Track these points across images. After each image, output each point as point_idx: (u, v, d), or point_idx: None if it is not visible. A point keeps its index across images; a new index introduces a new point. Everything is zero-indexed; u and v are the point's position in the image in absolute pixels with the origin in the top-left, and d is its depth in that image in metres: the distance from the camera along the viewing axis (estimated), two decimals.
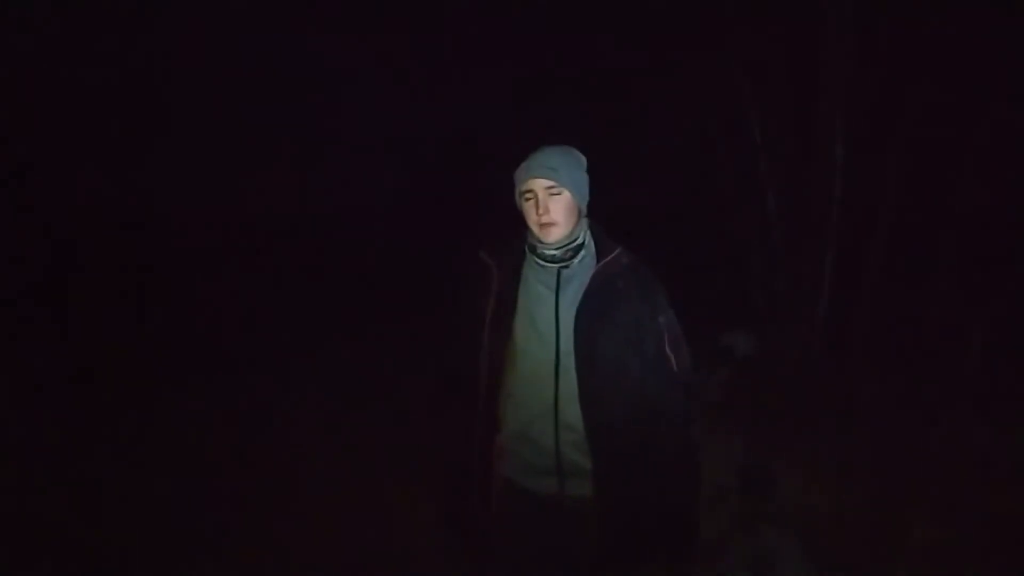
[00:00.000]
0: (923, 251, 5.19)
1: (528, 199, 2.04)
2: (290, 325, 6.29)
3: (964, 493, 3.81)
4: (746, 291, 5.66)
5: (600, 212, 2.16)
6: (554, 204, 2.01)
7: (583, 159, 2.11)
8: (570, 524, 2.07)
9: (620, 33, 6.06)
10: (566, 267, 2.06)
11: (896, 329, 5.15)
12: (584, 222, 2.11)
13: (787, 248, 5.42)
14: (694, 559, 2.24)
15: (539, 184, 2.01)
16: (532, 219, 2.03)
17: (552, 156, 2.04)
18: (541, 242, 2.04)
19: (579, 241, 2.07)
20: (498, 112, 7.88)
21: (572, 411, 2.01)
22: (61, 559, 3.19)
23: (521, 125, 6.72)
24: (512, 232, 2.14)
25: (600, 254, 2.09)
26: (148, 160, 7.37)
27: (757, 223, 5.56)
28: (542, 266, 2.07)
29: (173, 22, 7.30)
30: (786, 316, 5.41)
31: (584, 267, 2.07)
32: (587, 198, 2.10)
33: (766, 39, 5.33)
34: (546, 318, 2.03)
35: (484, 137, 8.00)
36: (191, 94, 7.52)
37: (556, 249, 2.04)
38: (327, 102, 8.41)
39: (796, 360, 5.29)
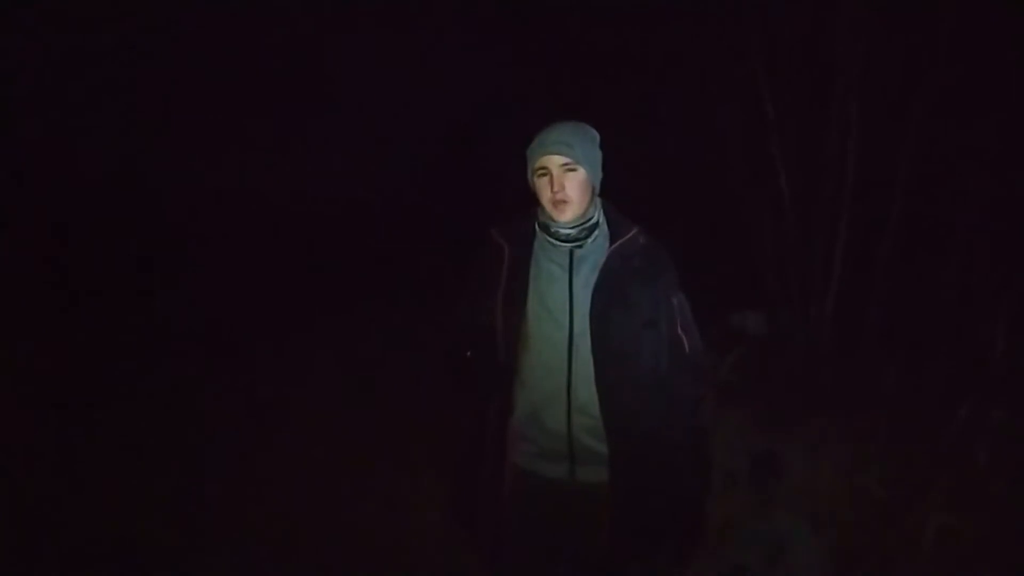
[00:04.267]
0: (939, 232, 5.12)
1: (542, 176, 1.99)
2: (292, 316, 6.25)
3: (979, 479, 3.77)
4: (758, 272, 5.60)
5: (610, 195, 2.12)
6: (569, 181, 1.96)
7: (597, 135, 2.07)
8: (579, 511, 2.04)
9: (630, 12, 5.98)
10: (579, 247, 2.02)
11: (910, 311, 5.09)
12: (598, 201, 2.07)
13: (800, 229, 5.36)
14: (703, 544, 2.22)
15: (553, 161, 1.96)
16: (546, 197, 1.99)
17: (566, 132, 1.99)
18: (554, 220, 2.00)
19: (593, 220, 2.03)
20: (500, 100, 7.82)
21: (585, 394, 1.97)
22: (61, 559, 3.17)
23: (526, 105, 6.67)
24: (520, 214, 2.10)
25: (615, 234, 2.05)
26: (148, 155, 7.34)
27: (769, 204, 5.49)
28: (554, 245, 2.02)
29: (175, 15, 7.26)
30: (798, 298, 5.36)
31: (597, 247, 2.03)
32: (601, 175, 2.05)
33: (780, 20, 5.25)
34: (559, 299, 1.99)
35: (486, 127, 7.94)
36: (193, 87, 7.49)
37: (570, 228, 2.00)
38: (330, 93, 8.36)
39: (808, 342, 5.25)
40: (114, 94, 7.15)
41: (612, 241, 2.04)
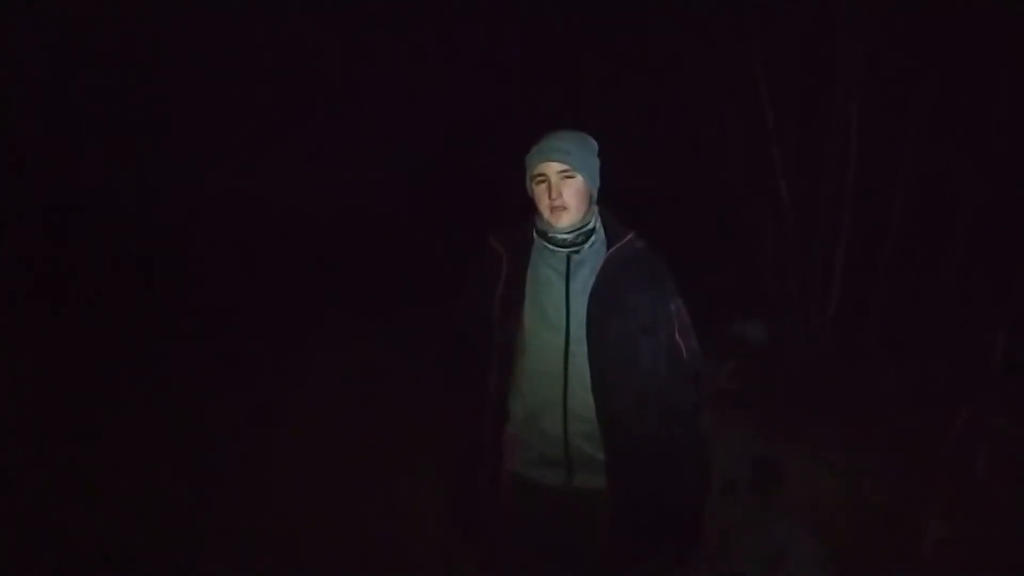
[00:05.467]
0: (939, 238, 5.10)
1: (540, 183, 1.99)
2: (293, 317, 6.25)
3: (980, 487, 3.76)
4: (758, 279, 5.59)
5: (609, 199, 2.12)
6: (566, 188, 1.97)
7: (595, 143, 2.07)
8: (577, 517, 2.03)
9: (630, 19, 5.97)
10: (576, 252, 2.02)
11: (910, 318, 5.07)
12: (595, 208, 2.07)
13: (800, 236, 5.35)
14: (701, 552, 2.21)
15: (552, 168, 1.97)
16: (543, 203, 1.99)
17: (565, 140, 2.00)
18: (552, 226, 1.99)
19: (590, 226, 2.03)
20: (502, 101, 7.81)
21: (582, 400, 1.96)
22: (61, 560, 3.15)
23: (525, 112, 6.67)
24: (519, 220, 2.10)
25: (611, 240, 2.05)
26: (149, 155, 7.34)
27: (769, 211, 5.47)
28: (552, 251, 2.02)
29: (176, 17, 7.25)
30: (798, 305, 5.34)
31: (594, 252, 2.03)
32: (599, 183, 2.06)
33: (781, 25, 5.23)
34: (556, 304, 1.98)
35: (487, 127, 7.92)
36: (194, 89, 7.48)
37: (567, 233, 2.00)
38: (331, 94, 8.36)
39: (808, 350, 5.23)
40: (114, 94, 7.14)
41: (609, 247, 2.04)
